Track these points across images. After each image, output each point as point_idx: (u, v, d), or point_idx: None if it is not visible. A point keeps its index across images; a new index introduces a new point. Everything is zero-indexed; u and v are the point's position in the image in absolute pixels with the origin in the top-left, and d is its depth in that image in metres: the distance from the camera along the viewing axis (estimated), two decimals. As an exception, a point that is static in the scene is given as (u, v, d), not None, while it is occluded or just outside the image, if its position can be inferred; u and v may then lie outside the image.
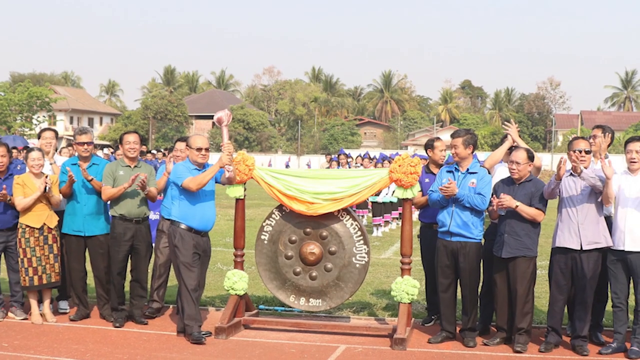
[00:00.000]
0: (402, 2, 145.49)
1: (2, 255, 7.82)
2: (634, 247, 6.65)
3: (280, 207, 7.64)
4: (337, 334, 7.42)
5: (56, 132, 8.66)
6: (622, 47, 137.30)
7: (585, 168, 6.77)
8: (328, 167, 18.96)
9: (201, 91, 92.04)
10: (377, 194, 15.60)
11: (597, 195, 6.76)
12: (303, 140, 75.35)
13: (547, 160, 48.95)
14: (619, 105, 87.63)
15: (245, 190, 7.67)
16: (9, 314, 7.84)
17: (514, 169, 6.94)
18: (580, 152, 6.82)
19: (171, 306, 8.33)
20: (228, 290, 7.60)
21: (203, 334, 7.06)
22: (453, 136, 7.24)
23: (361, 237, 7.50)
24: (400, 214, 15.49)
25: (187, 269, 7.05)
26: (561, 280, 6.90)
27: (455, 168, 7.20)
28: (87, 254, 7.86)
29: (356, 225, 7.53)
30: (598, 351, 6.81)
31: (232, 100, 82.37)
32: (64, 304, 8.15)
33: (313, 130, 77.87)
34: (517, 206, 6.79)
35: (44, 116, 49.21)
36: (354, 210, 7.99)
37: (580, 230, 6.75)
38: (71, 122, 71.39)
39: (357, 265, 7.50)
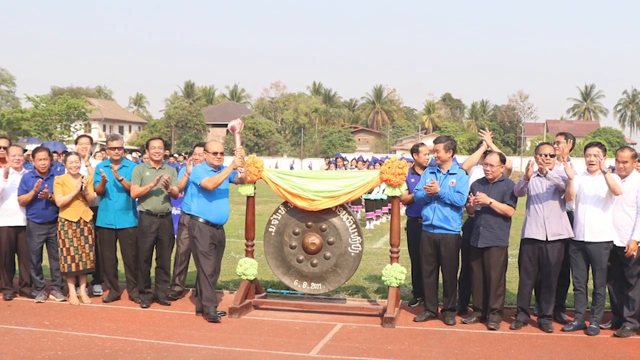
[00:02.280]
0: (391, 25, 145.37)
1: (44, 245, 7.83)
2: (592, 239, 6.65)
3: (286, 204, 7.63)
4: (334, 314, 7.42)
5: (91, 139, 8.66)
6: (583, 64, 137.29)
7: (550, 170, 6.78)
8: (327, 169, 18.94)
9: (217, 103, 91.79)
10: (370, 192, 15.59)
11: (561, 193, 6.76)
12: (305, 146, 75.26)
13: (517, 163, 48.78)
14: (580, 115, 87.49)
15: (255, 188, 7.66)
16: (50, 296, 7.84)
17: (488, 170, 6.94)
18: (546, 155, 6.83)
19: (191, 289, 8.33)
20: (240, 276, 7.59)
21: (219, 314, 7.06)
22: (435, 142, 7.23)
23: (356, 230, 7.50)
24: (389, 209, 15.53)
25: (205, 257, 7.04)
26: (529, 266, 6.89)
27: (437, 169, 7.19)
28: (117, 244, 7.88)
29: (351, 219, 7.53)
30: (561, 328, 6.81)
31: (243, 110, 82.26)
32: (97, 288, 8.16)
33: (314, 136, 77.74)
34: (491, 202, 6.79)
35: (80, 124, 49.24)
36: (350, 206, 7.97)
37: (545, 224, 6.75)
38: (104, 130, 71.35)
39: (352, 254, 7.49)
